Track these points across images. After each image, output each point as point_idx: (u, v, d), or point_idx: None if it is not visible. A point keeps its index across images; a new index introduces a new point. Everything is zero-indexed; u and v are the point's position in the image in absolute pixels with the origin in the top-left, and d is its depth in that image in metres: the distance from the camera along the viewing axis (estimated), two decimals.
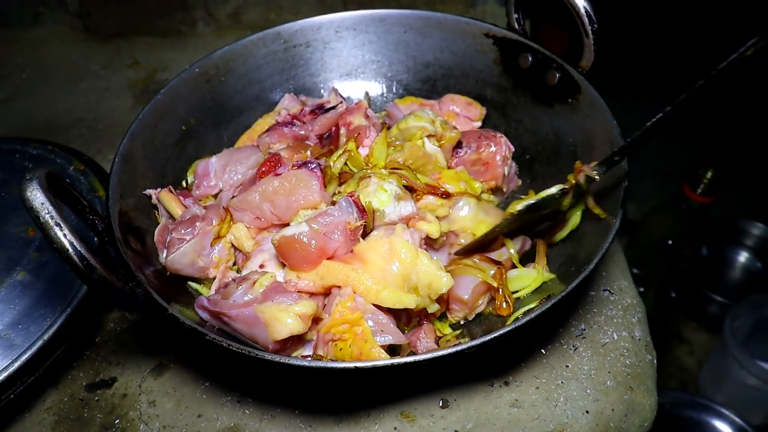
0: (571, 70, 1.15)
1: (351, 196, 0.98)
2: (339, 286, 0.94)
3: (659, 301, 2.14)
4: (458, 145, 1.18)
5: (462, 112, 1.30)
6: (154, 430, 1.01)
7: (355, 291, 0.93)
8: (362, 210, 0.98)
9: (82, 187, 1.28)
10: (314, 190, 1.01)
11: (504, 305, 1.00)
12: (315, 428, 0.99)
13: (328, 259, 0.96)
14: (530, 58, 1.23)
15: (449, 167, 1.18)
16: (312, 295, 0.95)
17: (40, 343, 1.01)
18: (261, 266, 1.00)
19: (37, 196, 0.78)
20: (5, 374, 0.96)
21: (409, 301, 0.92)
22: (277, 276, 0.97)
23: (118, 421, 1.03)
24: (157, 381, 1.07)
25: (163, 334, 1.13)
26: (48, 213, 0.77)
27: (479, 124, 1.31)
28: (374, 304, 0.93)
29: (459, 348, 0.79)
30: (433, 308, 0.95)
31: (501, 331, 0.80)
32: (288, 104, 1.27)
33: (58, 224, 0.77)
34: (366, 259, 0.95)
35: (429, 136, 1.15)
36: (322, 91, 1.39)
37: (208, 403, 1.03)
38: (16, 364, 0.98)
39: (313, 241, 0.94)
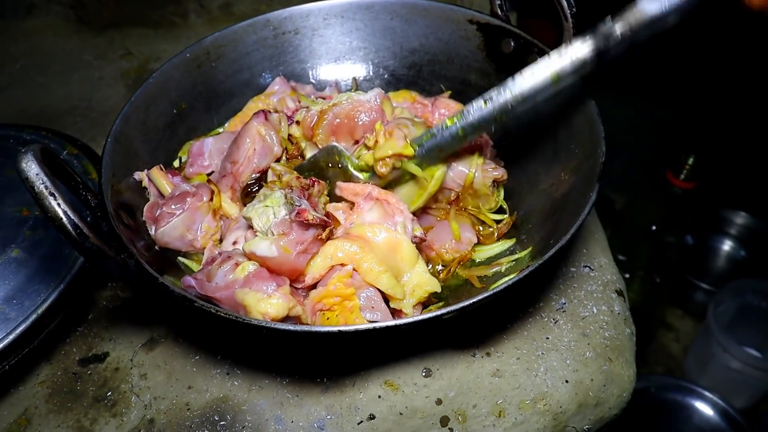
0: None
1: (301, 216, 0.94)
2: (343, 264, 0.97)
3: (644, 288, 2.18)
4: None
5: None
6: (146, 402, 1.04)
7: (357, 269, 0.97)
8: (324, 225, 0.97)
9: (76, 170, 1.29)
10: (256, 133, 1.11)
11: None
12: (302, 398, 1.02)
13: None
14: (512, 43, 1.26)
15: None
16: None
17: (34, 317, 1.03)
18: (234, 243, 1.03)
19: (32, 168, 0.81)
20: (1, 345, 0.99)
21: (400, 292, 0.98)
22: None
23: (110, 393, 1.06)
24: (149, 355, 1.10)
25: (154, 310, 1.16)
26: (42, 183, 0.80)
27: None
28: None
29: (438, 313, 0.82)
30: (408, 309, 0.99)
31: (479, 297, 0.84)
32: (279, 88, 1.30)
33: (52, 194, 0.80)
34: (370, 241, 0.99)
35: None
36: (310, 77, 1.42)
37: (198, 376, 1.06)
38: (11, 337, 1.01)
39: (283, 264, 0.94)
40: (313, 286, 0.99)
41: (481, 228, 1.15)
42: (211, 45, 1.31)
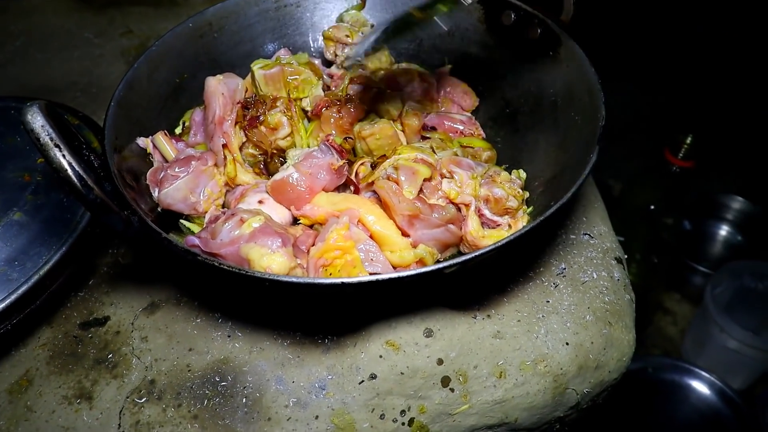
0: (551, 24, 1.19)
1: (327, 140, 1.06)
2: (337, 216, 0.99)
3: (642, 270, 2.18)
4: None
5: (456, 99, 1.33)
6: (147, 363, 1.04)
7: (365, 217, 0.99)
8: (340, 151, 1.06)
9: None
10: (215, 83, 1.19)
11: None
12: (303, 358, 1.02)
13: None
14: (513, 15, 1.27)
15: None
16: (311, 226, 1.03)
17: (36, 278, 1.03)
18: (260, 202, 1.04)
19: (37, 119, 0.80)
20: (3, 305, 0.99)
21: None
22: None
23: (111, 355, 1.06)
24: (150, 319, 1.10)
25: (155, 275, 1.16)
26: (48, 135, 0.79)
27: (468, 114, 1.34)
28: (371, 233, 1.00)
29: (441, 266, 0.83)
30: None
31: (480, 251, 0.84)
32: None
33: (57, 145, 0.79)
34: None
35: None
36: (312, 49, 1.43)
37: (199, 338, 1.06)
38: (13, 297, 1.00)
39: (303, 179, 1.02)
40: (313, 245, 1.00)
41: None
42: (213, 16, 1.31)
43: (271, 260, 0.88)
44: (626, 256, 1.25)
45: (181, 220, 1.09)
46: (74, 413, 0.99)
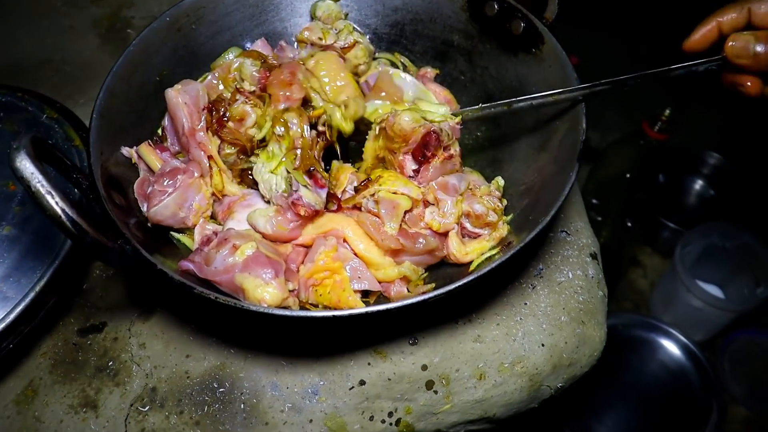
0: (535, 21, 1.18)
1: (296, 209, 1.02)
2: (324, 236, 1.03)
3: (616, 230, 2.26)
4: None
5: None
6: (147, 371, 1.09)
7: (349, 236, 1.03)
8: (311, 217, 1.04)
9: (57, 136, 1.28)
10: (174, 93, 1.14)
11: None
12: (295, 365, 1.08)
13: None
14: (496, 6, 1.25)
15: None
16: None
17: (32, 295, 1.05)
18: None
19: (26, 166, 0.80)
20: (3, 325, 1.02)
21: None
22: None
23: (111, 363, 1.11)
24: (146, 325, 1.15)
25: (148, 280, 1.19)
26: (39, 182, 0.80)
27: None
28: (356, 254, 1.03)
29: (427, 296, 0.87)
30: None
31: (465, 280, 0.89)
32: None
33: (49, 192, 0.80)
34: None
35: None
36: (292, 35, 1.40)
37: (195, 344, 1.11)
38: (12, 316, 1.03)
39: (282, 234, 1.05)
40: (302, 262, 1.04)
41: None
42: (191, 7, 1.27)
43: (265, 291, 0.91)
44: (600, 218, 1.31)
45: (172, 232, 1.12)
46: (82, 422, 1.05)
